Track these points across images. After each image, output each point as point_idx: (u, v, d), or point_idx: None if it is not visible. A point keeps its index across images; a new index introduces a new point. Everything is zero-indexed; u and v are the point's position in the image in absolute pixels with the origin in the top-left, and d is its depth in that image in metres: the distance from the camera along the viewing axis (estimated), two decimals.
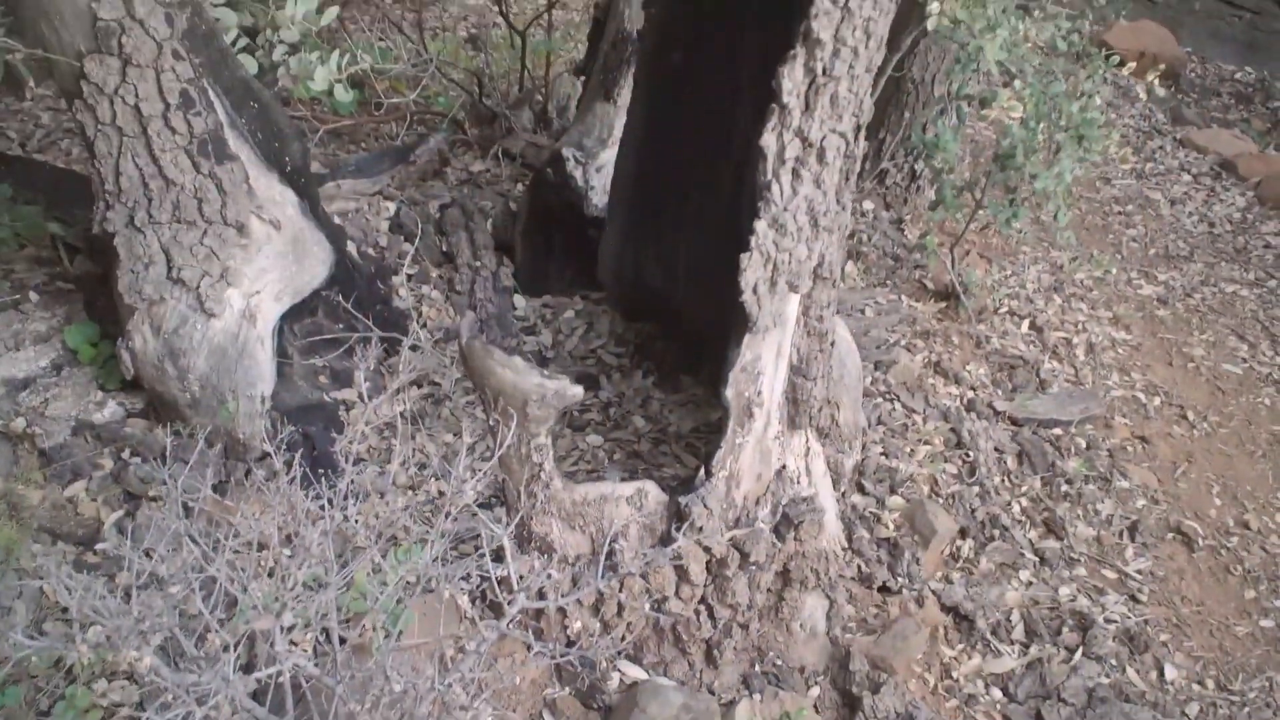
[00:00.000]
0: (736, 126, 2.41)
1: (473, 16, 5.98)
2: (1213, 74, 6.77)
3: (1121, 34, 6.27)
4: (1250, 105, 6.49)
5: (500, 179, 4.26)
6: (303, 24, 3.34)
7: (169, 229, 2.49)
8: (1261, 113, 6.44)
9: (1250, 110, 6.43)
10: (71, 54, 2.39)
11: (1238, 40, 6.92)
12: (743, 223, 2.17)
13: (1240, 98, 6.55)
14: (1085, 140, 3.08)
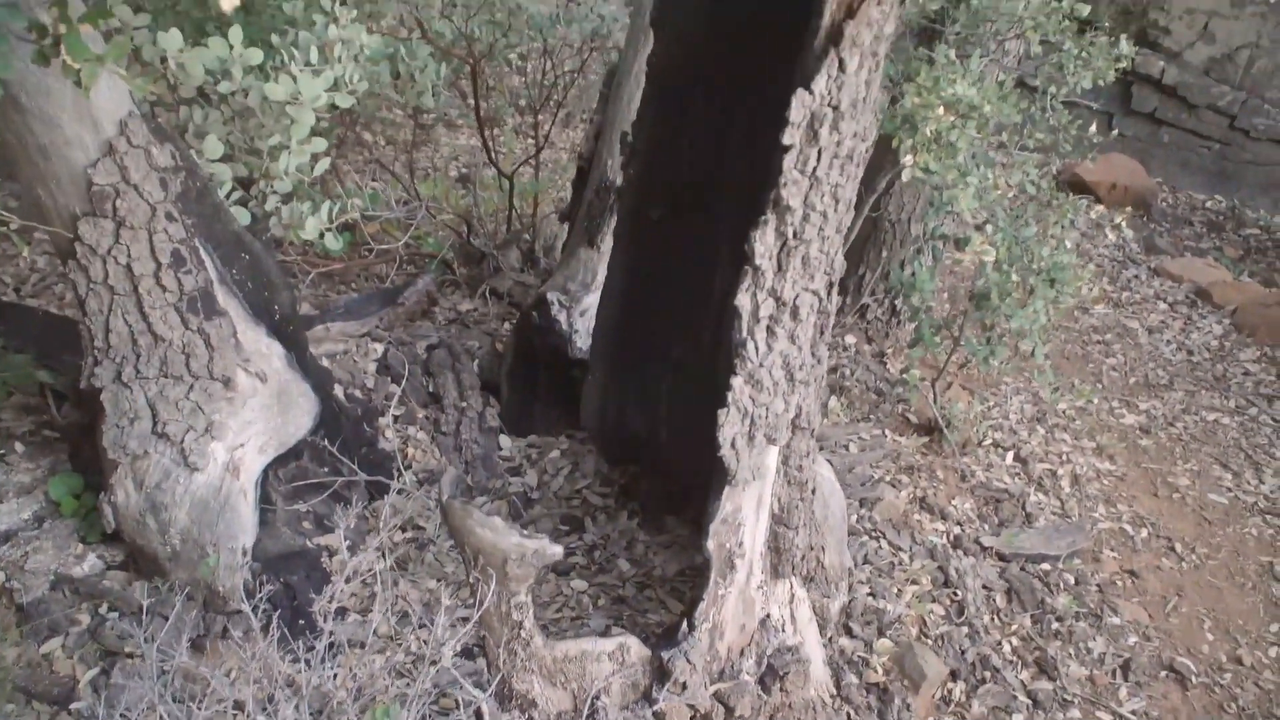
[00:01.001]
0: (716, 278, 2.47)
1: (463, 156, 6.16)
2: (1184, 203, 6.96)
3: (1093, 166, 6.46)
4: (1222, 233, 6.66)
5: (488, 318, 4.33)
6: (295, 175, 3.44)
7: (156, 384, 2.52)
8: (1233, 240, 6.60)
9: (1222, 238, 6.59)
10: (67, 216, 2.46)
11: (1207, 170, 7.14)
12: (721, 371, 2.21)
13: (1212, 226, 6.72)
14: (1057, 284, 3.16)
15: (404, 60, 3.96)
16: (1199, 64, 7.02)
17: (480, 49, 4.21)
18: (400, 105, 4.58)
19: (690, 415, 2.60)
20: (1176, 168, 7.14)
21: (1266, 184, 7.02)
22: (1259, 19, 6.96)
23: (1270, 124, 6.96)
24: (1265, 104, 6.98)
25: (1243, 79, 7.00)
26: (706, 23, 2.23)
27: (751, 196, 2.13)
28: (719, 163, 2.34)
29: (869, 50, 1.89)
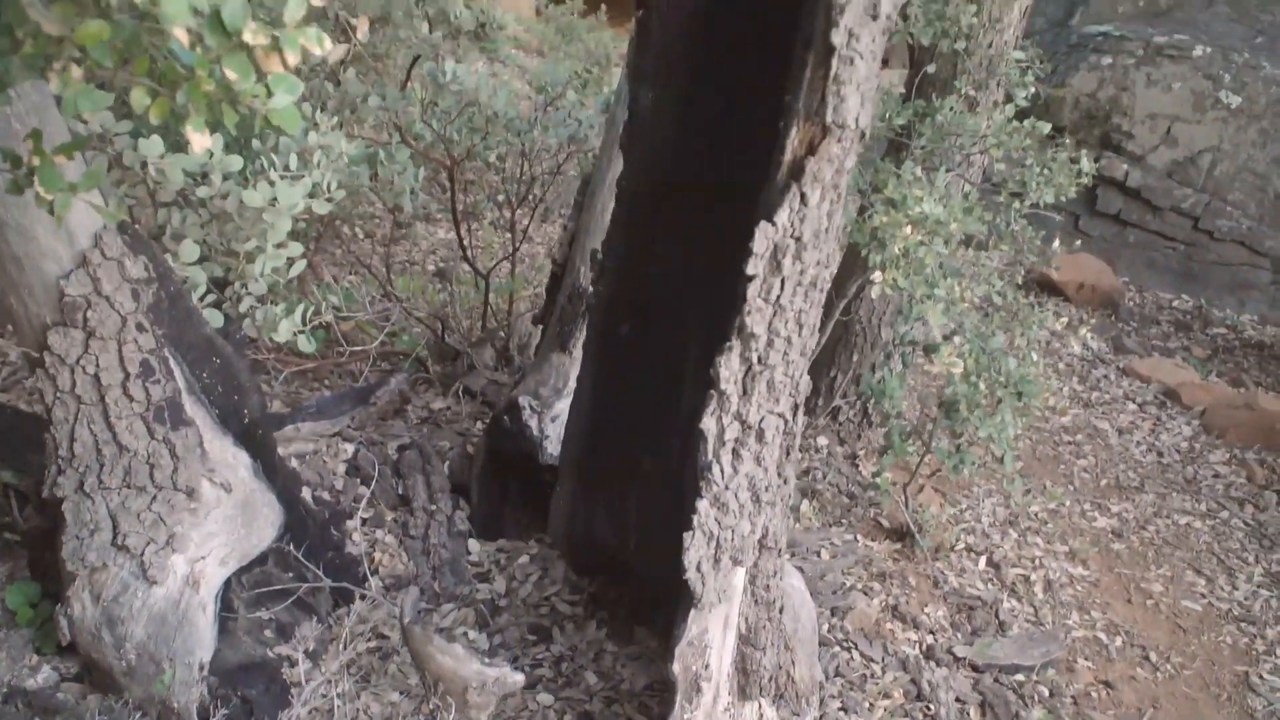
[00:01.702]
0: (684, 395, 2.48)
1: (441, 250, 6.21)
2: (1151, 302, 7.08)
3: (1061, 266, 6.58)
4: (1189, 333, 6.76)
5: (460, 417, 4.32)
6: (270, 276, 3.46)
7: (118, 494, 2.50)
8: (1201, 340, 6.70)
9: (1190, 338, 6.69)
10: (38, 325, 2.46)
11: (1173, 270, 7.28)
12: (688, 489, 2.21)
13: (1179, 325, 6.82)
14: (1025, 396, 3.20)
15: (383, 164, 4.01)
16: (1162, 167, 7.20)
17: (459, 152, 4.28)
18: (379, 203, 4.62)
19: (658, 528, 2.59)
20: (1143, 267, 7.28)
21: (1232, 284, 7.16)
22: (1220, 124, 7.16)
23: (1233, 226, 7.13)
24: (1228, 206, 7.16)
25: (1205, 182, 7.19)
26: (674, 150, 2.28)
27: (718, 317, 2.16)
28: (686, 284, 2.38)
29: (830, 184, 1.94)
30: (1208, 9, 7.77)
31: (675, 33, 2.19)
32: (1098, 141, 7.30)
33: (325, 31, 3.27)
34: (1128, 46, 7.18)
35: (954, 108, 3.79)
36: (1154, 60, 7.13)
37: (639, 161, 2.34)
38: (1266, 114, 7.07)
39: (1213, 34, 7.46)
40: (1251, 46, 7.38)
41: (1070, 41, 7.54)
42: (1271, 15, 7.77)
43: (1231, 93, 7.07)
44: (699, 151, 2.26)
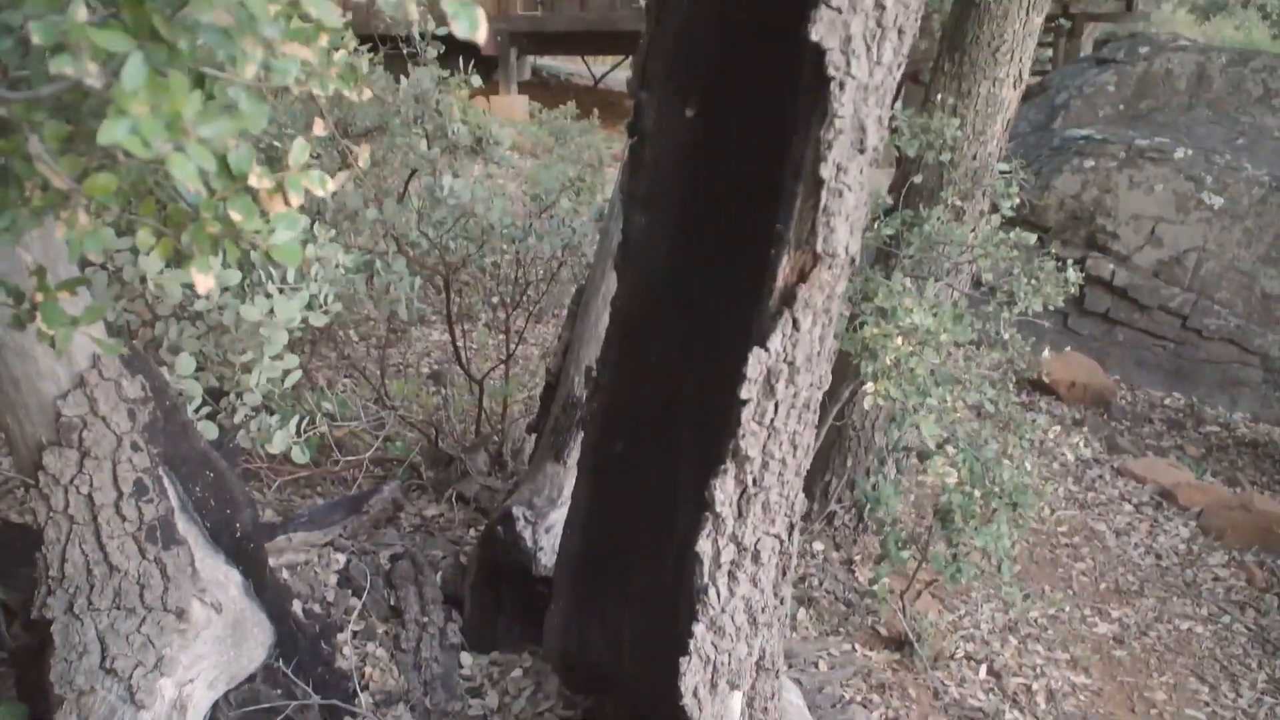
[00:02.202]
0: (678, 513, 2.48)
1: (436, 352, 6.25)
2: (1142, 400, 7.11)
3: (1052, 365, 6.63)
4: (1183, 431, 6.78)
5: (454, 524, 4.30)
6: (266, 386, 3.48)
7: (108, 616, 2.47)
8: (1194, 438, 6.72)
9: (1183, 436, 6.71)
10: (32, 445, 2.46)
11: (1163, 368, 7.33)
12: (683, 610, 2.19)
13: (1172, 424, 6.85)
14: (1019, 507, 3.20)
15: (380, 273, 4.06)
16: (1148, 267, 7.31)
17: (454, 260, 4.33)
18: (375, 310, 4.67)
19: (653, 646, 2.56)
20: (1133, 365, 7.33)
21: (1222, 382, 7.21)
22: (1204, 224, 7.29)
23: (1222, 324, 7.20)
24: (1216, 305, 7.25)
25: (1192, 281, 7.29)
26: (667, 273, 2.32)
27: (712, 437, 2.17)
28: (680, 403, 2.40)
29: (821, 309, 1.97)
30: (1188, 112, 7.98)
31: (668, 160, 2.25)
32: (1083, 242, 7.42)
33: (328, 145, 3.31)
34: (1109, 149, 7.35)
35: (941, 218, 3.86)
36: (1136, 163, 7.29)
37: (632, 283, 2.38)
38: (1249, 214, 7.21)
39: (1194, 136, 7.64)
40: (1232, 148, 7.56)
41: (1053, 145, 7.72)
42: (1251, 117, 7.97)
43: (1214, 194, 7.22)
44: (692, 275, 2.30)
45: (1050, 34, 12.44)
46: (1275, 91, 7.87)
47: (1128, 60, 8.04)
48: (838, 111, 1.80)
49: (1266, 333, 7.09)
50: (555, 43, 14.63)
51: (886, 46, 1.82)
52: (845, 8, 1.74)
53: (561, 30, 13.78)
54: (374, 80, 5.87)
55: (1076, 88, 8.13)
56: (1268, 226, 7.16)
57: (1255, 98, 7.88)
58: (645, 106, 2.24)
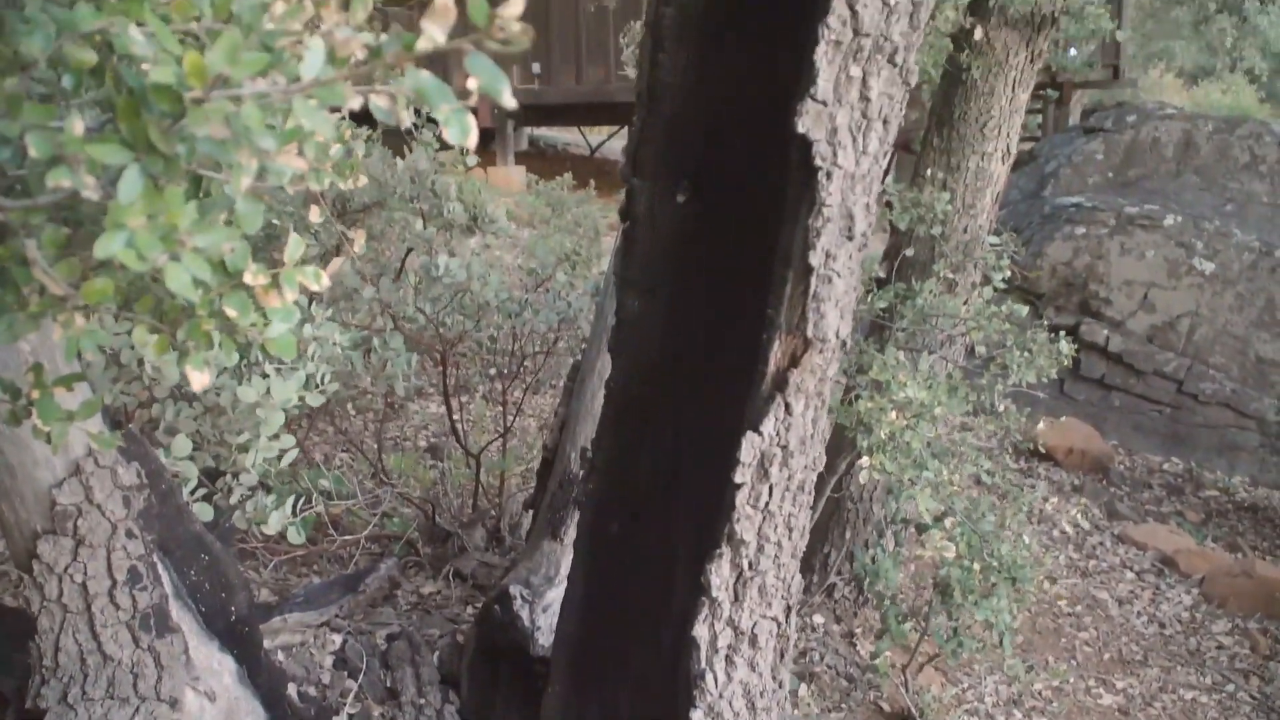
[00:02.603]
0: (675, 594, 2.47)
1: (433, 425, 6.24)
2: (1141, 466, 7.10)
3: (1049, 432, 6.62)
4: (1182, 496, 6.76)
5: (451, 601, 4.26)
6: (262, 466, 3.48)
7: (101, 706, 2.44)
8: (1194, 503, 6.69)
9: (1183, 501, 6.69)
10: (27, 533, 2.45)
11: (1160, 433, 7.33)
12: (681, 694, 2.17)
13: (1171, 489, 6.83)
14: (1018, 581, 3.18)
15: (376, 350, 4.08)
16: (1142, 332, 7.35)
17: (451, 335, 4.36)
18: (372, 386, 4.68)
19: None
20: (1130, 430, 7.33)
21: (1220, 446, 7.20)
22: (1196, 290, 7.35)
23: (1217, 388, 7.22)
24: (1210, 369, 7.27)
25: (1186, 346, 7.32)
26: (661, 356, 2.33)
27: (708, 518, 2.17)
28: (676, 484, 2.40)
29: (814, 392, 1.98)
30: (1176, 179, 8.09)
31: (660, 245, 2.27)
32: (1077, 308, 7.47)
33: (325, 225, 3.35)
34: (1099, 217, 7.44)
35: (933, 290, 3.90)
36: (1126, 230, 7.37)
37: (626, 365, 2.39)
38: (1240, 279, 7.27)
39: (1182, 203, 7.74)
40: (1221, 214, 7.65)
41: (1044, 212, 7.81)
42: (1239, 183, 8.07)
43: (1205, 259, 7.29)
44: (686, 358, 2.31)
45: (1039, 100, 12.65)
46: (1262, 158, 7.99)
47: (1115, 129, 8.17)
48: (825, 200, 1.83)
49: (1262, 396, 7.10)
50: (552, 114, 14.86)
51: (872, 137, 1.86)
52: (831, 101, 1.78)
53: (557, 103, 14.00)
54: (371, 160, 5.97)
55: (1065, 156, 8.25)
56: (1259, 291, 7.21)
57: (1242, 164, 7.99)
58: (637, 192, 2.27)
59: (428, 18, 1.02)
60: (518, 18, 0.98)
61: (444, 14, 1.02)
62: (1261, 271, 7.23)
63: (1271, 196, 7.84)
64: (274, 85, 1.12)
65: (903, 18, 1.79)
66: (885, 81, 1.83)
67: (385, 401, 5.28)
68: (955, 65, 4.04)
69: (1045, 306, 7.53)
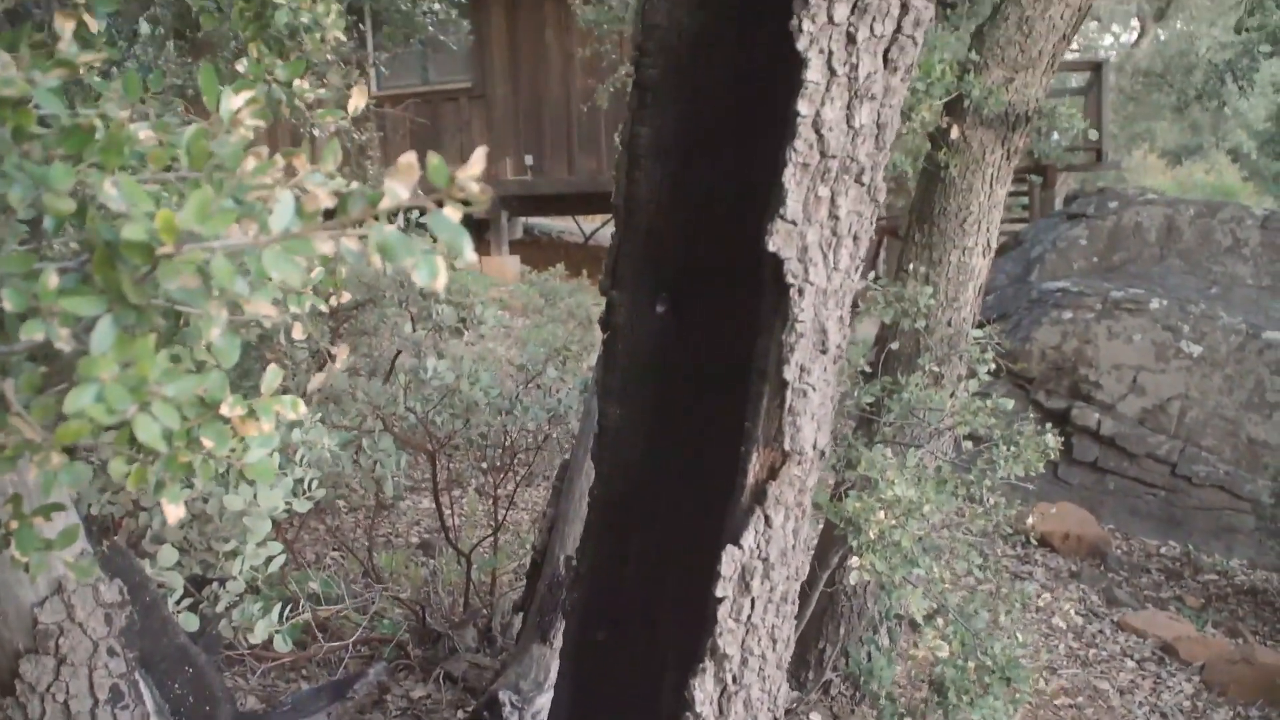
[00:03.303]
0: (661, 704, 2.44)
1: (425, 521, 6.21)
2: (1138, 550, 7.05)
3: (1045, 517, 6.60)
4: (1180, 580, 6.71)
5: (441, 706, 4.20)
6: (249, 573, 3.46)
7: None
8: (1193, 587, 6.64)
9: (1182, 586, 6.63)
10: (9, 651, 2.43)
11: (1156, 516, 7.30)
12: None
13: (1170, 574, 6.78)
14: (1013, 681, 3.15)
15: (366, 452, 4.09)
16: (1133, 415, 7.37)
17: (441, 435, 4.37)
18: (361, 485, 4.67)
19: None
20: (1126, 514, 7.30)
21: (1216, 529, 7.17)
22: (1185, 372, 7.39)
23: (1211, 471, 7.22)
24: (1203, 452, 7.27)
25: (1177, 428, 7.33)
26: (642, 466, 2.34)
27: (692, 630, 2.16)
28: (660, 594, 2.39)
29: (793, 504, 1.99)
30: (1160, 263, 8.19)
31: (640, 355, 2.30)
32: (1067, 392, 7.50)
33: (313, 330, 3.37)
34: (1086, 301, 7.51)
35: (919, 384, 3.92)
36: (1113, 314, 7.43)
37: (609, 475, 2.40)
38: (1229, 361, 7.31)
39: (1167, 286, 7.82)
40: (1206, 297, 7.73)
41: (1031, 297, 7.89)
42: (1223, 266, 8.18)
43: (1192, 342, 7.34)
44: (667, 467, 2.32)
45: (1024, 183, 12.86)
46: (1244, 241, 8.10)
47: (1098, 215, 8.30)
48: (798, 316, 1.86)
49: (1256, 478, 7.09)
50: (545, 204, 15.07)
51: (843, 253, 1.89)
52: (800, 220, 1.82)
53: (550, 193, 14.22)
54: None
55: (1050, 241, 8.36)
56: (1248, 373, 7.25)
57: (1225, 247, 8.11)
58: (617, 304, 2.30)
59: (391, 176, 1.06)
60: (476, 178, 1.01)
61: (408, 172, 1.05)
62: (1249, 354, 7.28)
63: (1256, 279, 7.94)
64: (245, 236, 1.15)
65: (868, 139, 1.84)
66: (853, 200, 1.87)
67: (375, 501, 5.26)
68: (934, 163, 4.12)
69: (1036, 391, 7.57)
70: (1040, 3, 3.85)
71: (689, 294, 2.27)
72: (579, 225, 18.14)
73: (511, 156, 14.27)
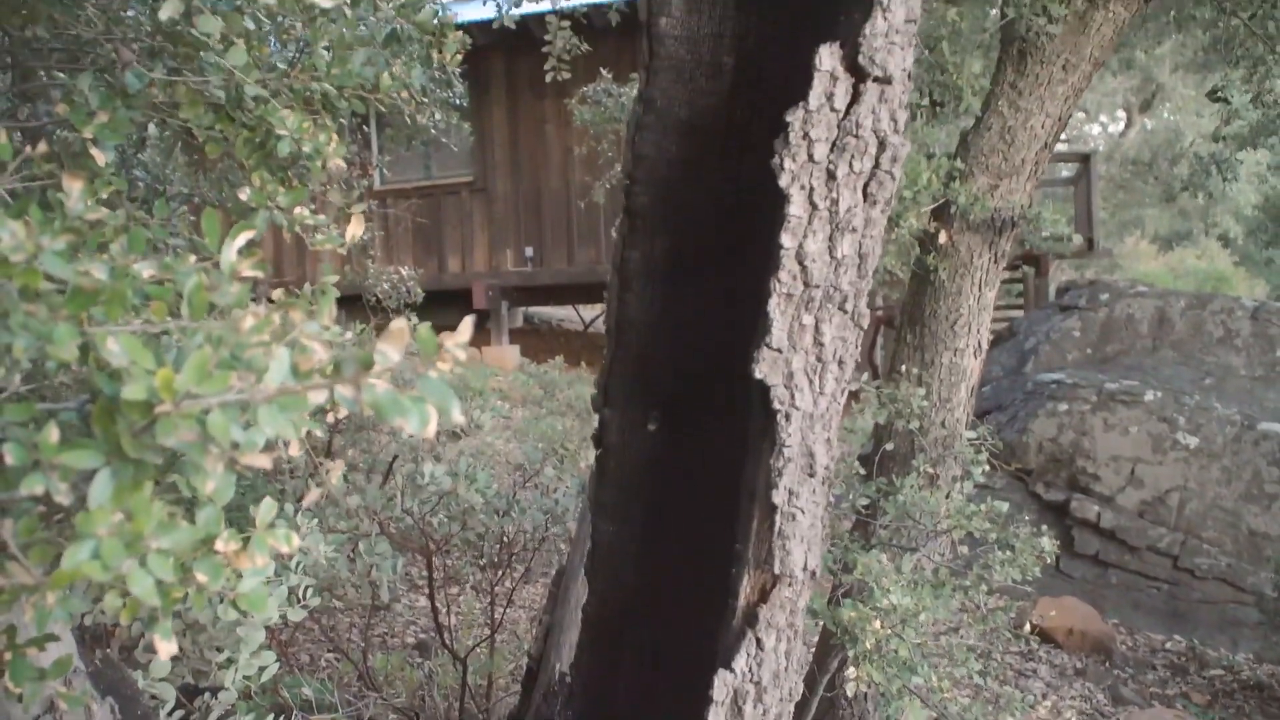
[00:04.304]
0: None
1: (422, 620, 6.16)
2: (1143, 645, 6.97)
3: (1049, 613, 6.54)
4: (1186, 676, 6.62)
5: None
6: (242, 682, 3.43)
7: None
8: (1199, 683, 6.55)
9: (1187, 682, 6.54)
10: None
11: (1160, 610, 7.23)
12: None
13: (1175, 669, 6.69)
14: None
15: (361, 555, 4.08)
16: (1133, 507, 7.35)
17: (438, 537, 4.36)
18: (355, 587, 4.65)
19: None
20: (1130, 609, 7.24)
21: (1221, 622, 7.10)
22: (1182, 464, 7.39)
23: (1213, 563, 7.17)
24: (1205, 544, 7.24)
25: (1178, 521, 7.31)
26: (635, 582, 2.35)
27: None
28: (654, 712, 2.38)
29: (785, 625, 1.99)
30: (1153, 354, 8.25)
31: (632, 472, 2.33)
32: (1066, 484, 7.49)
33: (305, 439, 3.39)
34: (1081, 393, 7.55)
35: (914, 485, 3.93)
36: (1108, 405, 7.47)
37: (602, 591, 2.41)
38: (1225, 453, 7.32)
39: (1161, 378, 7.87)
40: (1200, 388, 7.77)
41: (1026, 389, 7.93)
42: (1216, 357, 8.24)
43: (1188, 434, 7.36)
44: (660, 585, 2.33)
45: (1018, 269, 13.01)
46: (1236, 332, 8.18)
47: (1090, 307, 8.39)
48: (785, 441, 1.89)
49: (1258, 571, 7.05)
50: (545, 294, 15.23)
51: (829, 377, 1.93)
52: (786, 348, 1.87)
53: (550, 283, 14.38)
54: None
55: (1044, 333, 8.44)
56: (1245, 465, 7.26)
57: (1217, 339, 8.18)
58: (609, 421, 2.34)
59: (384, 340, 1.10)
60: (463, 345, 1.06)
61: (398, 337, 1.09)
62: (1245, 445, 7.30)
63: (1249, 369, 7.99)
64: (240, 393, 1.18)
65: (850, 269, 1.89)
66: (837, 327, 1.92)
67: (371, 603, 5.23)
68: (923, 266, 4.20)
69: (1035, 483, 7.56)
70: (1021, 113, 3.96)
71: (681, 412, 2.30)
72: (579, 313, 18.30)
73: (512, 248, 14.46)
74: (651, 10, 2.13)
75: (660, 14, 2.11)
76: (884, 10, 1.75)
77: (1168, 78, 21.52)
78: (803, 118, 1.77)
